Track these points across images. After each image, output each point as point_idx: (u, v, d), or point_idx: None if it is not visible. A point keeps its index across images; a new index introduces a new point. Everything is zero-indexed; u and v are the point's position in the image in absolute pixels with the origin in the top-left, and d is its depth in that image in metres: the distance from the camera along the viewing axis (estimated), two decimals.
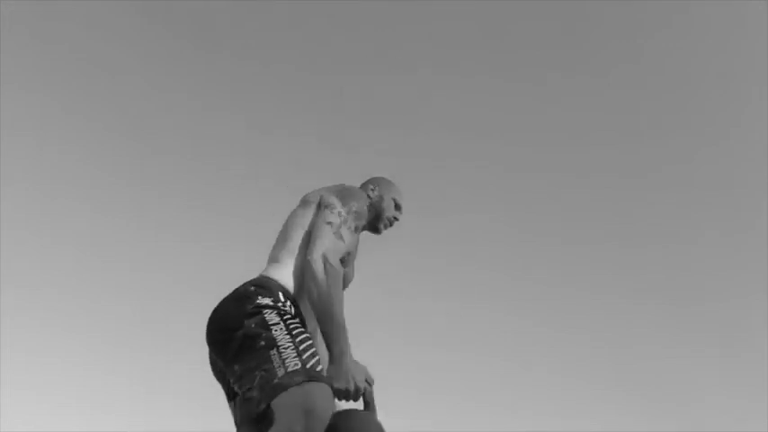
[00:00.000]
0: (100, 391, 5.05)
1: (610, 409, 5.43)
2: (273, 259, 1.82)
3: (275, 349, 1.56)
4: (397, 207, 2.09)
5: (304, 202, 1.89)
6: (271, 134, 6.16)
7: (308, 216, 1.83)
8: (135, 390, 5.07)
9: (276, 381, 1.52)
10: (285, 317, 1.62)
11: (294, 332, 1.60)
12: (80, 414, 4.83)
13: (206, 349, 1.72)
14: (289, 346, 1.56)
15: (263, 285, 1.71)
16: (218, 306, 1.71)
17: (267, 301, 1.65)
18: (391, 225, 2.08)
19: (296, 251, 1.79)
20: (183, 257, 5.83)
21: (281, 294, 1.70)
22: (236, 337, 1.61)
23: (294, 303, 1.73)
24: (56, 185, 5.88)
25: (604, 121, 6.52)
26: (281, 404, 1.51)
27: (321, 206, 1.84)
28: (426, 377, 5.48)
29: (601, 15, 6.42)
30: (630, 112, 6.47)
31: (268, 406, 1.53)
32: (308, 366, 1.54)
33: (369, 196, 2.04)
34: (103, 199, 5.96)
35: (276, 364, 1.54)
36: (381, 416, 1.68)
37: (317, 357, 1.60)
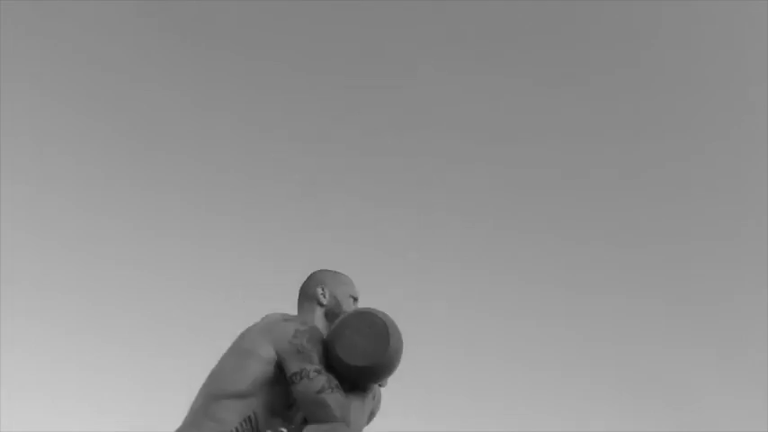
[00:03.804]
0: (100, 391, 5.06)
1: (610, 409, 5.44)
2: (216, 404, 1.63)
3: None
4: (356, 301, 1.88)
5: (243, 351, 1.67)
6: (271, 133, 6.17)
7: (251, 369, 1.63)
8: (135, 390, 5.08)
9: None
10: None
11: None
12: (80, 414, 4.84)
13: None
14: None
15: None
16: None
17: None
18: None
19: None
20: (184, 257, 5.85)
21: None
22: None
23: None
24: (56, 185, 5.89)
25: (604, 121, 6.53)
26: None
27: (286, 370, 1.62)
28: (425, 377, 5.49)
29: (600, 14, 6.43)
30: (630, 111, 6.49)
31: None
32: None
33: (320, 303, 1.83)
34: (103, 199, 5.97)
35: None
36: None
37: None
